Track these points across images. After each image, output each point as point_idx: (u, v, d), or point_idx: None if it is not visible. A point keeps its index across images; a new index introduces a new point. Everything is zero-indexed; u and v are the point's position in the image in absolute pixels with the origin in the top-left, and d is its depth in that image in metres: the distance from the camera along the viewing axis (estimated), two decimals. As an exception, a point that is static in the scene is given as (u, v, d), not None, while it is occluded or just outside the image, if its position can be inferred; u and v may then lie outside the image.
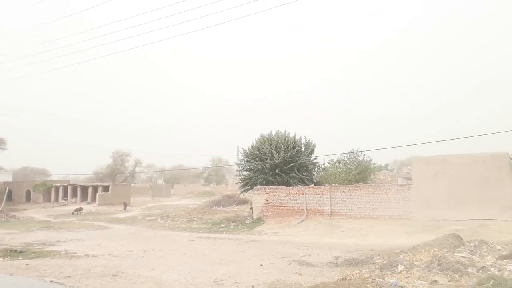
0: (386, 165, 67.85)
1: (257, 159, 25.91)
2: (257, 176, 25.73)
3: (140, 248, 15.46)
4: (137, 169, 72.97)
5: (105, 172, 67.90)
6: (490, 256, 10.03)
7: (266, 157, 25.37)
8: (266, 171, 25.41)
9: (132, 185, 61.46)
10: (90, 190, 50.51)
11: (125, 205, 41.36)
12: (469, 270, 8.29)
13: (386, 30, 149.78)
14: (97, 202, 46.22)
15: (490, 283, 6.42)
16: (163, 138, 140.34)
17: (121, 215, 35.26)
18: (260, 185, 24.83)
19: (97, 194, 47.85)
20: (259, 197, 24.03)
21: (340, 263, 11.24)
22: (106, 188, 49.07)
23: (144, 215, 33.97)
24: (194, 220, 27.86)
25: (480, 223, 17.21)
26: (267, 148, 25.68)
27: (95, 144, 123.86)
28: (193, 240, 17.93)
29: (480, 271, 8.25)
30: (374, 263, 10.39)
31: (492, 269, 8.28)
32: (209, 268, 11.08)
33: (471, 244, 11.89)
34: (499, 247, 11.38)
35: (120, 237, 19.94)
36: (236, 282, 9.19)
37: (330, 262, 11.61)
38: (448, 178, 19.25)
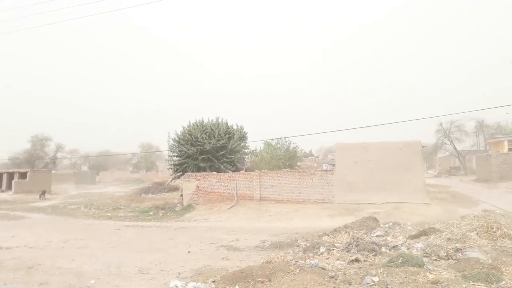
0: (310, 151, 70.87)
1: (188, 144, 25.49)
2: (188, 163, 25.39)
3: (61, 238, 14.61)
4: (58, 154, 68.32)
5: (22, 157, 62.75)
6: (401, 236, 10.93)
7: (198, 143, 25.09)
8: (197, 157, 25.15)
9: (53, 171, 57.46)
10: (5, 177, 46.48)
11: (43, 192, 38.29)
12: (383, 249, 8.96)
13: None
14: (13, 190, 42.70)
15: (399, 261, 6.99)
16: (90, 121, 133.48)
17: (41, 203, 32.92)
18: (191, 172, 24.60)
19: (13, 181, 44.20)
20: (189, 183, 23.81)
21: (267, 247, 11.60)
22: (23, 175, 45.48)
23: (66, 203, 32.02)
24: (120, 208, 26.85)
25: (395, 206, 18.69)
26: (199, 134, 25.38)
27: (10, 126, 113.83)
28: (118, 229, 17.33)
29: (392, 250, 8.95)
30: (298, 246, 10.85)
31: (402, 247, 9.01)
32: (134, 256, 10.81)
33: (386, 225, 12.93)
34: (410, 228, 12.46)
35: (39, 227, 18.64)
36: (162, 270, 9.09)
37: (257, 246, 11.93)
38: (367, 164, 20.53)
